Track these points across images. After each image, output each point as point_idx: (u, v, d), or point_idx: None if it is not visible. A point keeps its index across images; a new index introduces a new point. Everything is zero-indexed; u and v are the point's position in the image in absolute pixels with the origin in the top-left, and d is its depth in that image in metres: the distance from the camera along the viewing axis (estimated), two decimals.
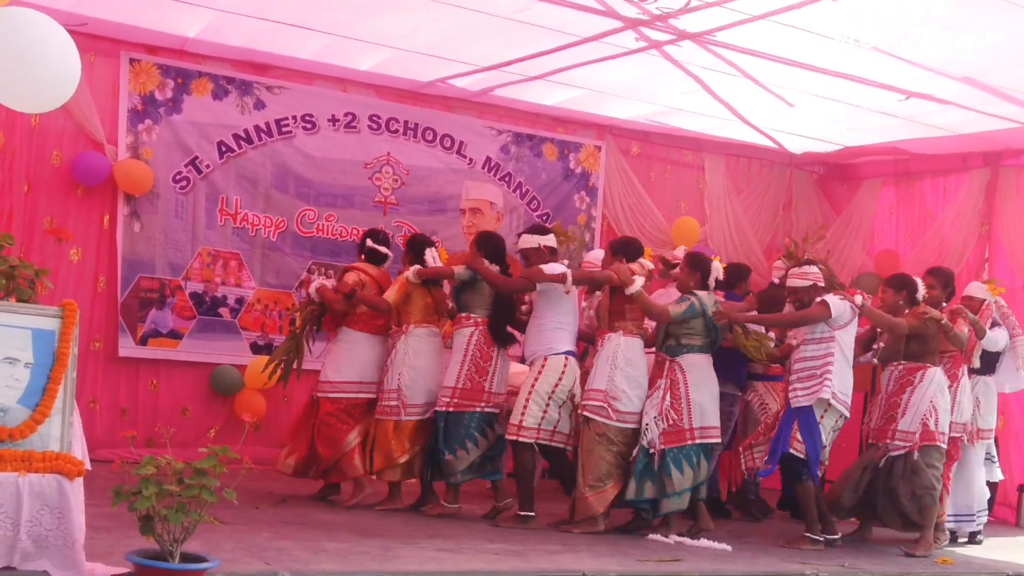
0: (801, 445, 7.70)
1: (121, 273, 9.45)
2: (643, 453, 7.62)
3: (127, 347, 9.51)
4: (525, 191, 11.17)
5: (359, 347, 8.20)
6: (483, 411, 7.90)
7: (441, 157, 10.76)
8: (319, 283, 8.30)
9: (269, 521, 6.97)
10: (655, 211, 11.64)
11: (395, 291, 8.04)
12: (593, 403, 7.68)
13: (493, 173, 11.01)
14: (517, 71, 9.65)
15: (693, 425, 7.67)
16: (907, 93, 9.20)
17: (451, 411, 7.86)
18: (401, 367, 7.98)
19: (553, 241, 8.07)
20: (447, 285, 8.31)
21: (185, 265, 9.70)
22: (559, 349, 7.81)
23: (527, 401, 7.73)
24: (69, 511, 4.77)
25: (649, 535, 7.64)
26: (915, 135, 10.58)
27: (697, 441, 7.67)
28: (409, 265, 8.15)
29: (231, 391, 9.79)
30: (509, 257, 8.28)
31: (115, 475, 4.78)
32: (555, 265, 7.86)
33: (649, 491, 7.62)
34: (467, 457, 7.86)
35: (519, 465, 7.82)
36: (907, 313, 8.06)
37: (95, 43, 9.11)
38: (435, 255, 8.10)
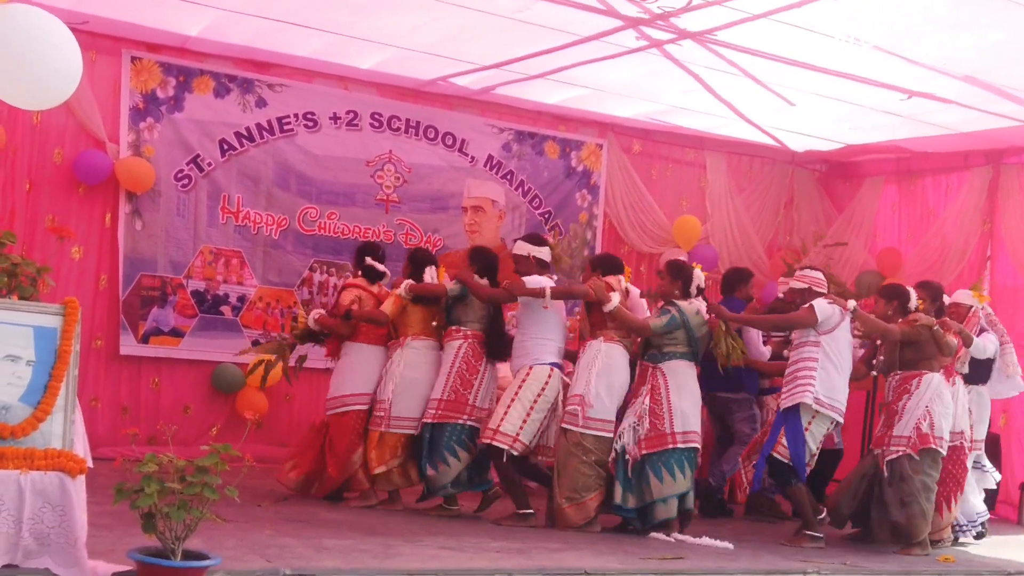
0: (785, 450, 7.73)
1: (123, 271, 9.46)
2: (621, 459, 7.60)
3: (129, 345, 9.51)
4: (527, 189, 11.17)
5: (365, 359, 8.18)
6: (466, 424, 7.84)
7: (443, 155, 10.76)
8: (317, 313, 8.31)
9: (271, 519, 6.97)
10: (656, 209, 11.64)
11: (391, 304, 8.04)
12: (568, 408, 7.68)
13: (495, 171, 11.01)
14: (518, 70, 9.64)
15: (675, 430, 7.64)
16: (909, 92, 9.19)
17: (435, 423, 7.83)
18: (393, 378, 7.97)
19: (545, 254, 8.04)
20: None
21: (187, 263, 9.70)
22: (544, 360, 7.80)
23: (508, 408, 7.69)
24: (71, 509, 4.77)
25: (651, 533, 7.64)
26: (917, 134, 10.58)
27: (679, 446, 7.64)
28: (408, 277, 8.14)
29: (233, 389, 9.79)
30: (502, 273, 8.27)
31: (117, 473, 4.80)
32: (537, 278, 7.83)
33: (631, 501, 7.62)
34: (449, 471, 7.78)
35: (498, 469, 7.80)
36: (900, 321, 8.06)
37: (96, 41, 9.11)
38: (434, 275, 8.05)
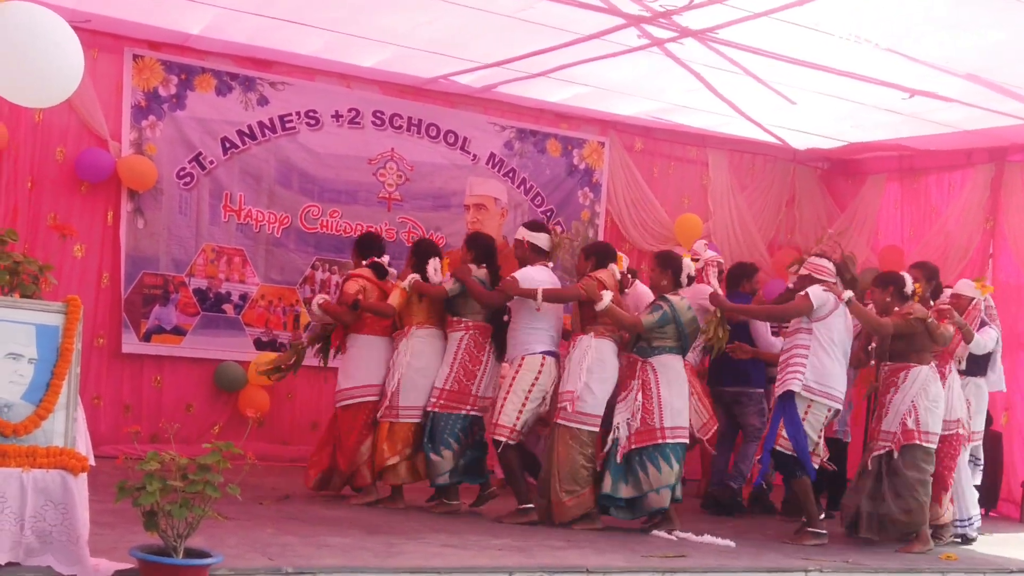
0: (787, 442, 7.76)
1: (125, 269, 9.46)
2: (613, 451, 7.65)
3: (131, 343, 9.51)
4: (529, 187, 11.17)
5: (370, 350, 8.18)
6: (468, 414, 7.91)
7: (445, 153, 10.76)
8: (321, 298, 8.31)
9: (273, 517, 6.97)
10: (658, 207, 11.63)
11: (397, 297, 8.04)
12: (561, 404, 7.70)
13: (497, 169, 11.01)
14: (520, 68, 9.64)
15: (664, 425, 7.66)
16: (911, 91, 9.18)
17: (437, 411, 7.88)
18: (399, 369, 7.99)
19: (542, 241, 8.01)
20: None
21: (189, 261, 9.71)
22: (535, 349, 7.82)
23: (504, 400, 7.77)
24: (73, 507, 4.77)
25: (653, 531, 7.65)
26: (920, 132, 10.57)
27: (669, 441, 7.67)
28: (412, 268, 8.14)
29: (235, 387, 9.79)
30: (501, 256, 8.26)
31: (119, 471, 4.80)
32: (532, 274, 7.81)
33: (624, 490, 7.64)
34: (449, 459, 7.85)
35: (500, 462, 7.87)
36: (894, 312, 8.04)
37: (98, 39, 9.11)
38: (437, 267, 8.03)
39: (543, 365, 7.81)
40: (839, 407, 7.94)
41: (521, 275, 7.83)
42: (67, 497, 4.77)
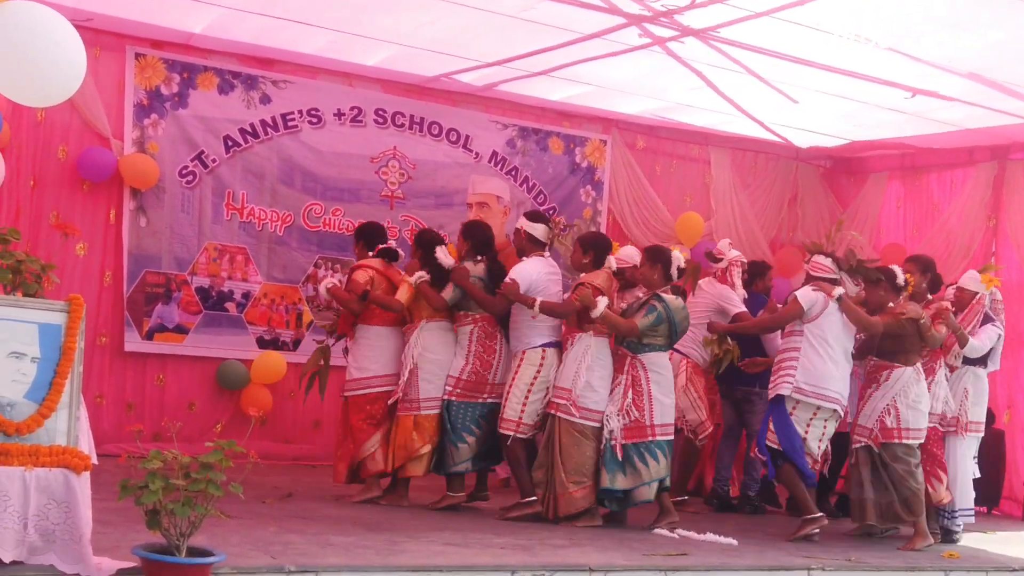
0: (775, 436, 7.84)
1: (127, 268, 9.47)
2: (608, 444, 7.69)
3: (133, 342, 9.53)
4: (531, 185, 11.17)
5: (379, 341, 8.16)
6: (485, 401, 7.98)
7: (447, 151, 10.77)
8: (330, 282, 8.24)
9: (275, 515, 6.97)
10: (660, 205, 11.64)
11: (406, 293, 8.03)
12: (560, 401, 7.72)
13: (499, 167, 11.02)
14: (522, 67, 9.65)
15: (655, 422, 7.71)
16: (913, 90, 9.18)
17: (454, 400, 7.92)
18: (415, 362, 7.99)
19: (540, 232, 8.01)
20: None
21: (191, 260, 9.71)
22: (535, 343, 7.85)
23: (507, 395, 7.84)
24: (76, 505, 4.77)
25: (655, 529, 7.66)
26: (922, 131, 10.58)
27: (658, 438, 7.71)
28: (419, 261, 8.14)
29: (237, 386, 9.80)
30: (503, 255, 8.28)
31: (122, 469, 4.79)
32: (529, 266, 7.85)
33: (621, 482, 7.68)
34: (469, 448, 7.92)
35: (506, 455, 7.94)
36: (888, 309, 8.02)
37: (101, 38, 9.12)
38: (446, 251, 8.06)
39: (544, 358, 7.84)
40: (835, 407, 7.90)
41: (520, 274, 7.82)
42: (70, 496, 4.78)
